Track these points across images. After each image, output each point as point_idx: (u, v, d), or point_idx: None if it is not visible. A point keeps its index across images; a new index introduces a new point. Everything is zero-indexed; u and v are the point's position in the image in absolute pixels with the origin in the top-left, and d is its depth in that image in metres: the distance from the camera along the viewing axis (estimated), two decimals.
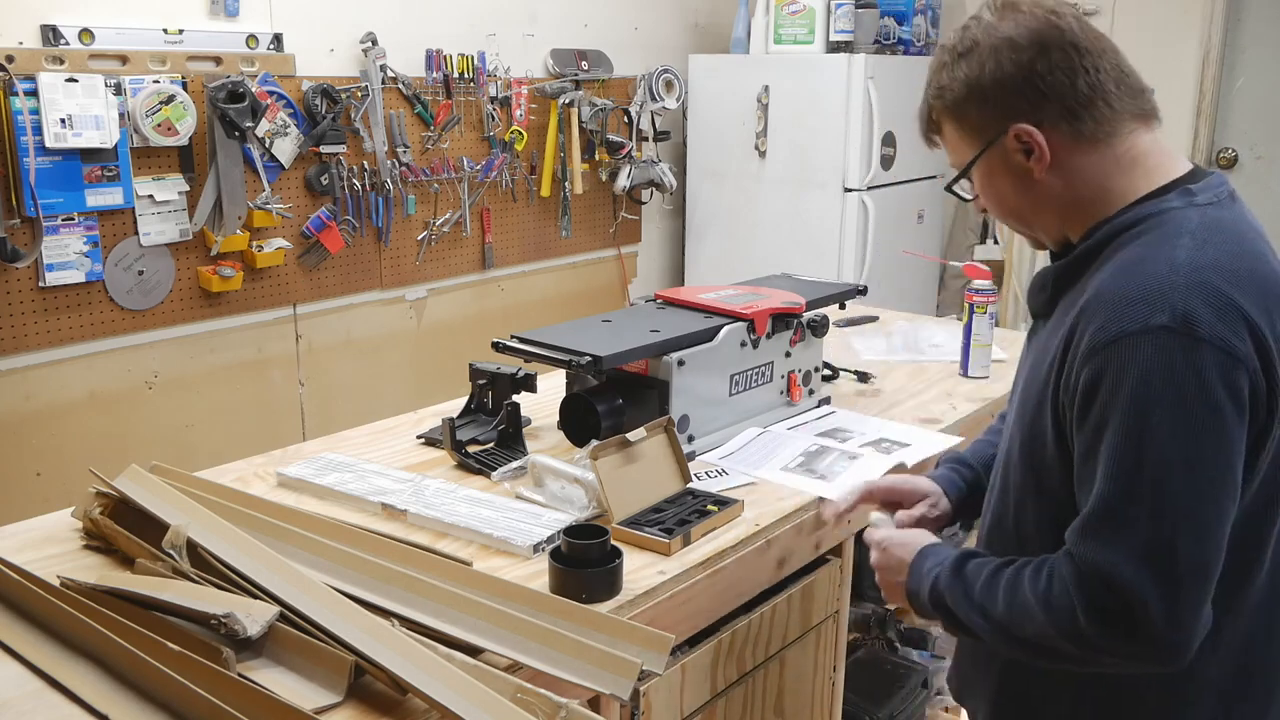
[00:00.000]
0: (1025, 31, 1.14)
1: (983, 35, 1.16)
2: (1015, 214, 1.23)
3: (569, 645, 1.21)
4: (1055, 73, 1.13)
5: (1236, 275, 1.04)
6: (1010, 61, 1.14)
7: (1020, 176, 1.18)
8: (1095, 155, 1.16)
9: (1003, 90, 1.15)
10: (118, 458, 1.72)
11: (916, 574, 1.24)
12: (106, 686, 1.18)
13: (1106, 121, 1.15)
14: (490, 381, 2.03)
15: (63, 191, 2.48)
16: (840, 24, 3.76)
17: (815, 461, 1.93)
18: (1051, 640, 1.08)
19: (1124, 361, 1.02)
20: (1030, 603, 1.08)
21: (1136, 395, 1.01)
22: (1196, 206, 1.12)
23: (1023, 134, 1.15)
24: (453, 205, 3.40)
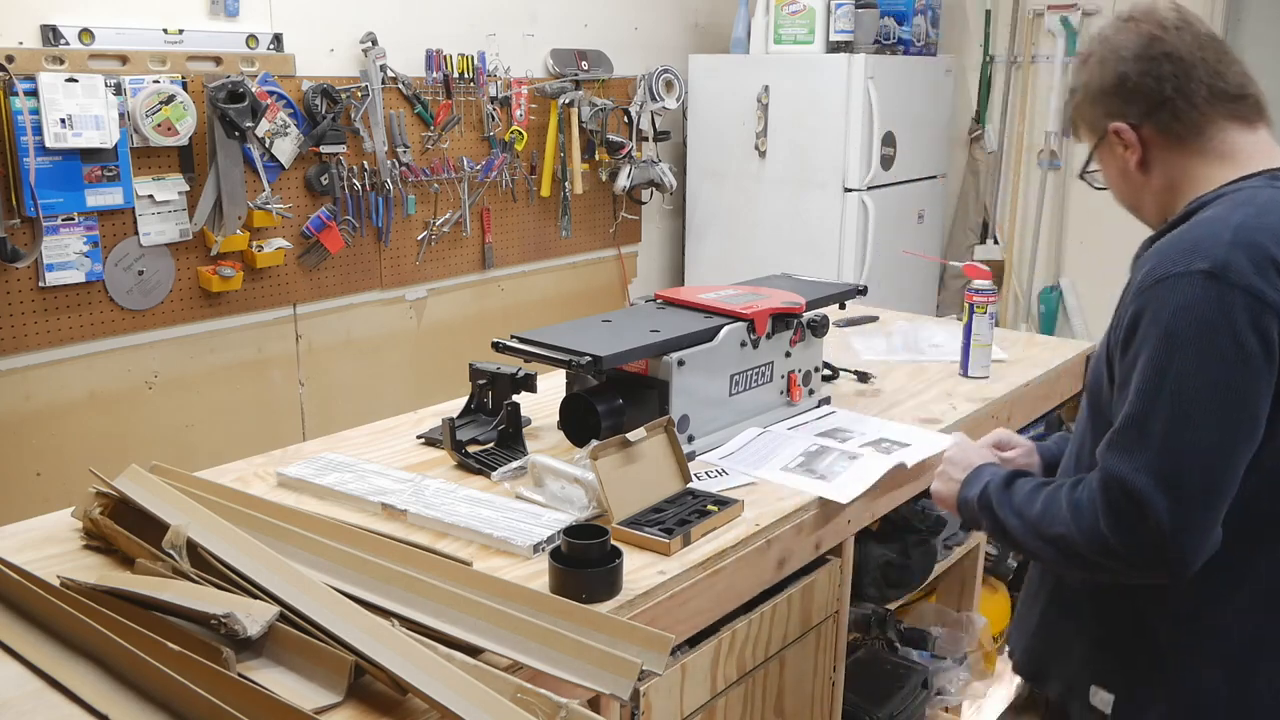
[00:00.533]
0: (1130, 42, 1.33)
1: (1098, 46, 1.37)
2: (1124, 199, 1.43)
3: (569, 645, 1.21)
4: (1145, 79, 1.31)
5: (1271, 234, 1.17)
6: (1111, 70, 1.34)
7: (1122, 167, 1.37)
8: (1184, 150, 1.32)
9: (1104, 94, 1.35)
10: (118, 458, 1.72)
11: (972, 482, 1.41)
12: (106, 686, 1.18)
13: (1192, 122, 1.31)
14: (490, 381, 2.03)
15: (63, 191, 2.48)
16: (840, 24, 3.76)
17: (815, 461, 1.93)
18: (1072, 539, 1.21)
19: (1164, 298, 1.17)
20: (1061, 506, 1.23)
21: (1169, 328, 1.16)
22: (1274, 187, 1.25)
23: (1120, 130, 1.33)
24: (453, 205, 3.40)
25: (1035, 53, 4.43)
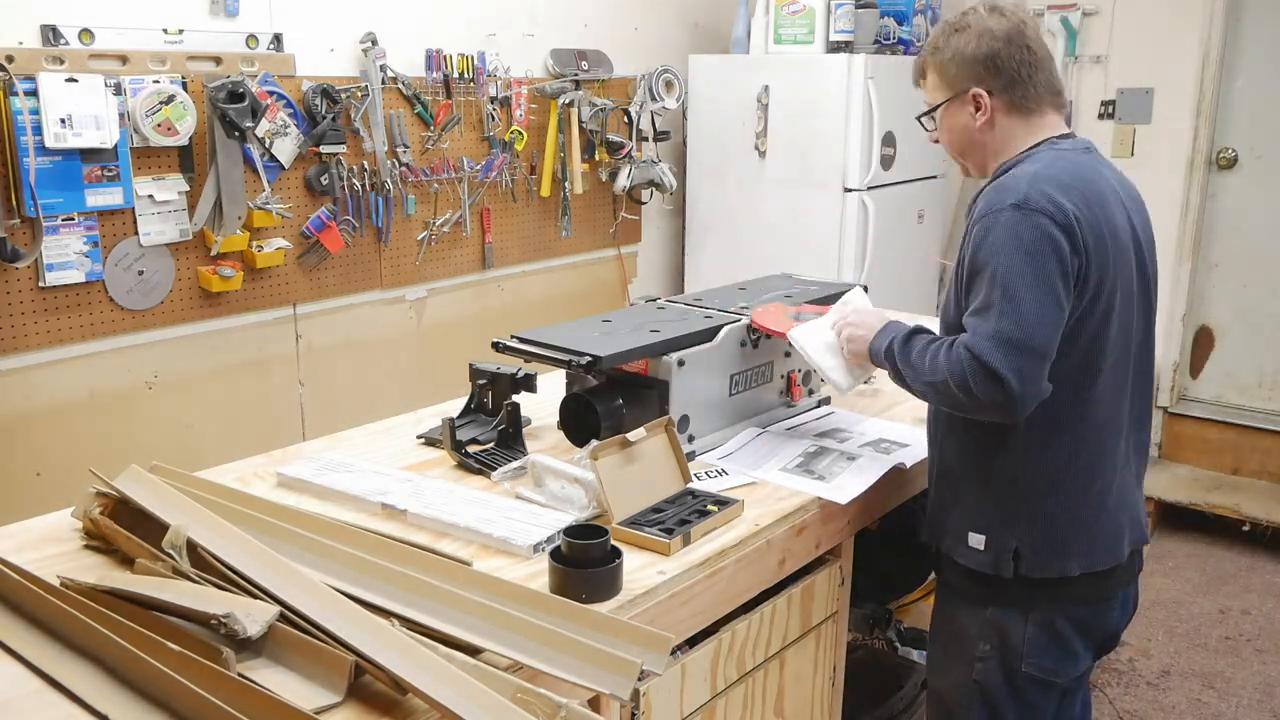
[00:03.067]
0: (1002, 28, 1.70)
1: (974, 21, 1.72)
2: (958, 148, 1.80)
3: (569, 645, 1.21)
4: (1009, 60, 1.70)
5: (1064, 183, 1.61)
6: (985, 45, 1.70)
7: (967, 123, 1.75)
8: (1018, 121, 1.73)
9: (974, 61, 1.71)
10: (118, 458, 1.72)
11: (882, 334, 1.78)
12: (106, 686, 1.18)
13: (1032, 100, 1.72)
14: (490, 381, 2.03)
15: (63, 191, 2.48)
16: (840, 24, 3.76)
17: (814, 462, 1.93)
18: (948, 387, 1.61)
19: (990, 225, 1.61)
20: (942, 364, 1.62)
21: (996, 244, 1.59)
22: (1055, 150, 1.70)
23: (977, 96, 1.72)
24: (453, 205, 3.40)
25: None
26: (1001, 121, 1.72)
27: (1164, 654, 3.34)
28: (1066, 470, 1.71)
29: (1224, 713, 3.03)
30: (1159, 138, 4.24)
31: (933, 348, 1.66)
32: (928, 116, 1.81)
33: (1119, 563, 1.77)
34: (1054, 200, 1.58)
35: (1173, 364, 4.39)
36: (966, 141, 1.77)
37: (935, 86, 1.77)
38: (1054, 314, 1.57)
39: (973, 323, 1.60)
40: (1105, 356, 1.67)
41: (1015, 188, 1.61)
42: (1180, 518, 4.19)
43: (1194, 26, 4.10)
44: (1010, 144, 1.73)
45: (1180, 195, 4.24)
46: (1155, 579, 3.82)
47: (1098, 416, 1.70)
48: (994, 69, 1.69)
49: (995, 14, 1.71)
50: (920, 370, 1.67)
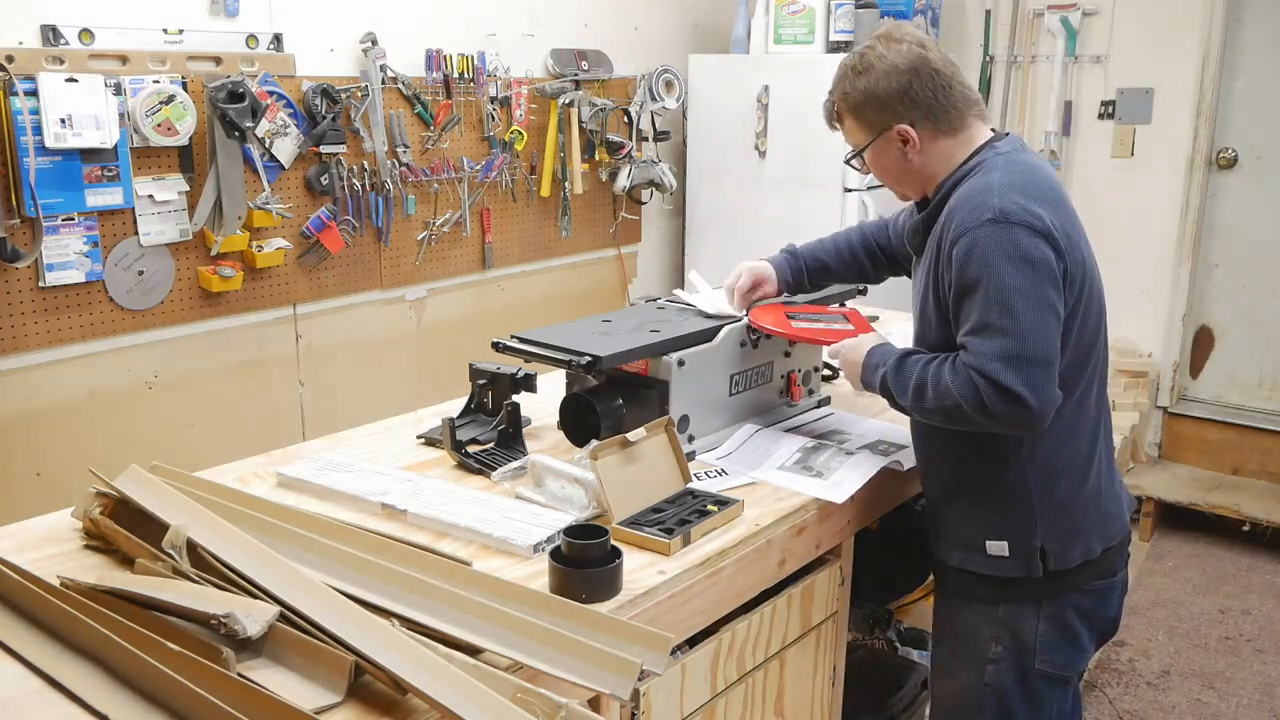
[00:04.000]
0: (905, 60, 1.69)
1: (876, 60, 1.70)
2: (894, 180, 1.82)
3: (569, 645, 1.21)
4: (923, 89, 1.69)
5: (1029, 190, 1.62)
6: (895, 81, 1.69)
7: (898, 157, 1.75)
8: (948, 142, 1.73)
9: (890, 99, 1.70)
10: (118, 458, 1.72)
11: (869, 370, 1.78)
12: (106, 686, 1.18)
13: (956, 120, 1.72)
14: (490, 381, 2.03)
15: (63, 191, 2.48)
16: (840, 24, 3.76)
17: (811, 458, 1.93)
18: (961, 410, 1.60)
19: (971, 243, 1.59)
20: (952, 388, 1.60)
21: (984, 260, 1.58)
22: (1001, 155, 1.70)
23: (903, 131, 1.71)
24: (453, 205, 3.40)
25: (1035, 53, 4.43)
26: (931, 147, 1.73)
27: (1164, 654, 3.34)
28: (1072, 458, 1.74)
29: (1224, 713, 3.03)
30: (1159, 138, 4.24)
31: (933, 371, 1.65)
32: (856, 159, 1.81)
33: (1127, 530, 1.84)
34: (1028, 209, 1.59)
35: (1173, 364, 4.39)
36: (900, 174, 1.78)
37: (855, 130, 1.78)
38: (1052, 322, 1.58)
39: (974, 342, 1.59)
40: (1095, 348, 1.72)
41: (987, 202, 1.60)
42: (1180, 518, 4.19)
43: (1194, 26, 4.10)
44: (948, 163, 1.73)
45: (1180, 195, 4.24)
46: (1155, 579, 3.82)
47: (1090, 401, 1.74)
48: (910, 102, 1.69)
49: (892, 44, 1.70)
50: (926, 397, 1.66)
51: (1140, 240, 4.30)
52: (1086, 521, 1.76)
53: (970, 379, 1.58)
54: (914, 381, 1.68)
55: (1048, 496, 1.73)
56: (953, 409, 1.62)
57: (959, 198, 1.66)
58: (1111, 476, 1.83)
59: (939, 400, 1.63)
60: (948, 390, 1.61)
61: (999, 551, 1.75)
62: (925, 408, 1.68)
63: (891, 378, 1.72)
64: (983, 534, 1.76)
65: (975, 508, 1.77)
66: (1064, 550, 1.74)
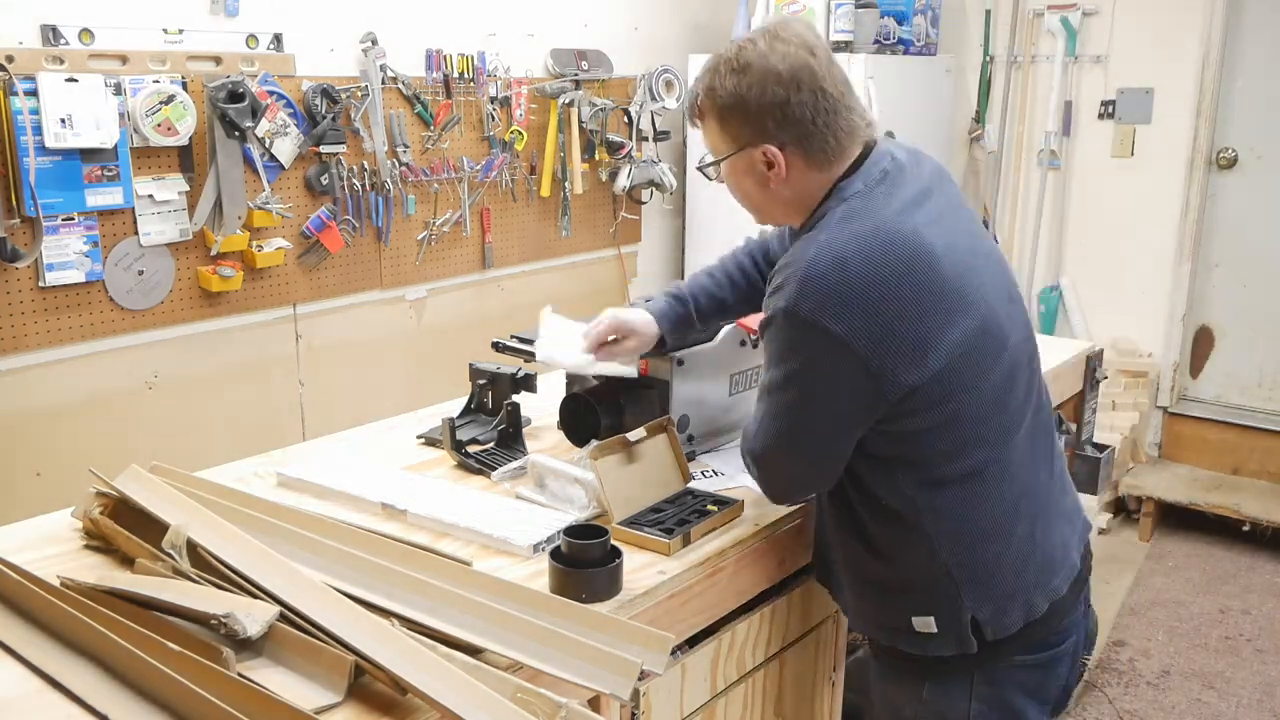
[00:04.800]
0: (787, 67, 1.41)
1: (756, 59, 1.42)
2: (750, 204, 1.57)
3: (569, 645, 1.21)
4: (802, 108, 1.42)
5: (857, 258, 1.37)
6: (770, 91, 1.41)
7: (760, 179, 1.50)
8: (819, 174, 1.48)
9: (761, 112, 1.43)
10: (118, 458, 1.72)
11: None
12: (106, 686, 1.18)
13: (832, 151, 1.45)
14: (490, 381, 2.03)
15: (63, 191, 2.48)
16: (840, 24, 3.76)
17: None
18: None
19: (771, 321, 1.44)
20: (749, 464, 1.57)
21: (775, 351, 1.45)
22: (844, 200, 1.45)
23: (768, 153, 1.45)
24: (453, 205, 3.40)
25: (1035, 53, 4.43)
26: (798, 178, 1.48)
27: (1164, 654, 3.34)
28: (993, 519, 1.49)
29: (1224, 713, 3.03)
30: (1159, 138, 4.24)
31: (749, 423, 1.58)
32: (711, 168, 1.57)
33: (1076, 569, 1.59)
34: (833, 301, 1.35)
35: (1173, 364, 4.39)
36: (760, 200, 1.54)
37: (715, 134, 1.51)
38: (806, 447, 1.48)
39: (748, 426, 1.56)
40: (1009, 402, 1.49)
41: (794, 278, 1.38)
42: (1180, 518, 4.19)
43: (1194, 26, 4.10)
44: (813, 194, 1.50)
45: (1180, 195, 4.24)
46: (1155, 579, 3.82)
47: (1015, 457, 1.50)
48: (783, 120, 1.43)
49: (778, 44, 1.42)
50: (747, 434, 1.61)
51: (1140, 240, 4.30)
52: (1022, 580, 1.51)
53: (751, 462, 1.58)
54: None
55: (966, 564, 1.48)
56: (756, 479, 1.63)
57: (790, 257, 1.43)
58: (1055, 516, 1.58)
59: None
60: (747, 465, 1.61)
61: (925, 628, 1.52)
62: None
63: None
64: (905, 612, 1.54)
65: (891, 590, 1.56)
66: (1000, 617, 1.50)
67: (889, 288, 1.36)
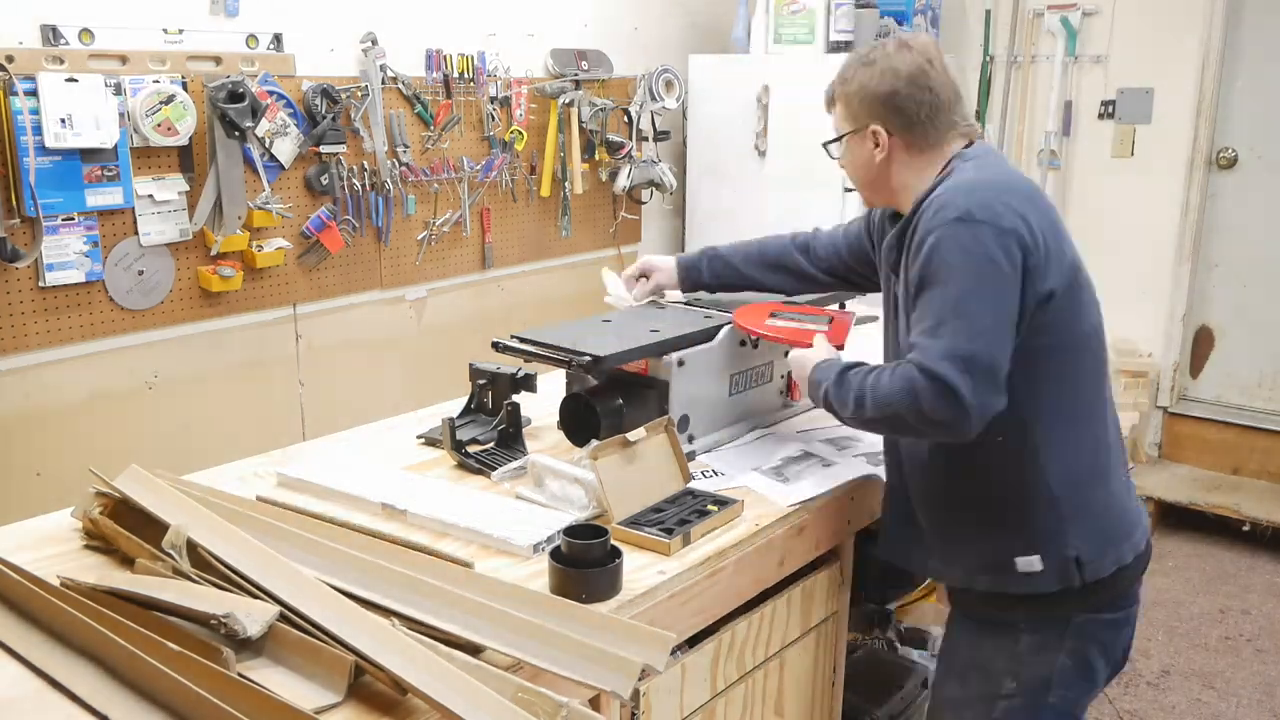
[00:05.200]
0: (905, 67, 1.69)
1: (881, 57, 1.71)
2: (860, 180, 1.81)
3: (569, 644, 1.21)
4: (909, 101, 1.69)
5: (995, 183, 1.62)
6: (888, 83, 1.69)
7: (868, 158, 1.75)
8: (921, 158, 1.72)
9: (876, 99, 1.71)
10: (118, 458, 1.72)
11: (813, 386, 1.76)
12: (106, 686, 1.18)
13: (931, 139, 1.71)
14: (490, 381, 2.03)
15: (63, 191, 2.48)
16: (840, 24, 3.76)
17: (790, 466, 1.93)
18: (898, 415, 1.57)
19: (936, 243, 1.57)
20: (889, 393, 1.58)
21: (943, 260, 1.56)
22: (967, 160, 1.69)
23: (877, 134, 1.72)
24: (453, 205, 3.40)
25: (1035, 53, 4.43)
26: (901, 158, 1.72)
27: (1164, 654, 3.34)
28: (1094, 456, 1.69)
29: (1224, 713, 3.03)
30: (1159, 138, 4.24)
31: (870, 380, 1.62)
32: (833, 144, 1.82)
33: (1145, 541, 1.75)
34: (992, 207, 1.56)
35: (1173, 364, 4.39)
36: (867, 173, 1.78)
37: (841, 117, 1.79)
38: (1006, 327, 1.55)
39: (923, 341, 1.56)
40: (1091, 341, 1.68)
41: (953, 202, 1.59)
42: (1180, 518, 4.19)
43: (1194, 26, 4.10)
44: (919, 177, 1.71)
45: (1180, 195, 4.23)
46: (1155, 579, 3.82)
47: (1103, 398, 1.72)
48: (893, 108, 1.69)
49: (903, 50, 1.70)
50: (865, 407, 1.62)
51: (1140, 240, 4.30)
52: (1115, 526, 1.69)
53: (910, 379, 1.54)
54: (854, 394, 1.64)
55: (1076, 499, 1.65)
56: (890, 416, 1.59)
57: (928, 201, 1.65)
58: (1127, 478, 1.77)
59: (878, 408, 1.60)
60: (886, 396, 1.58)
61: (1030, 567, 1.66)
62: (865, 418, 1.64)
63: (833, 393, 1.68)
64: (1008, 551, 1.67)
65: (995, 525, 1.69)
66: (1098, 557, 1.66)
67: (1028, 202, 1.61)
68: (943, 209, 1.59)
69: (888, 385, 1.58)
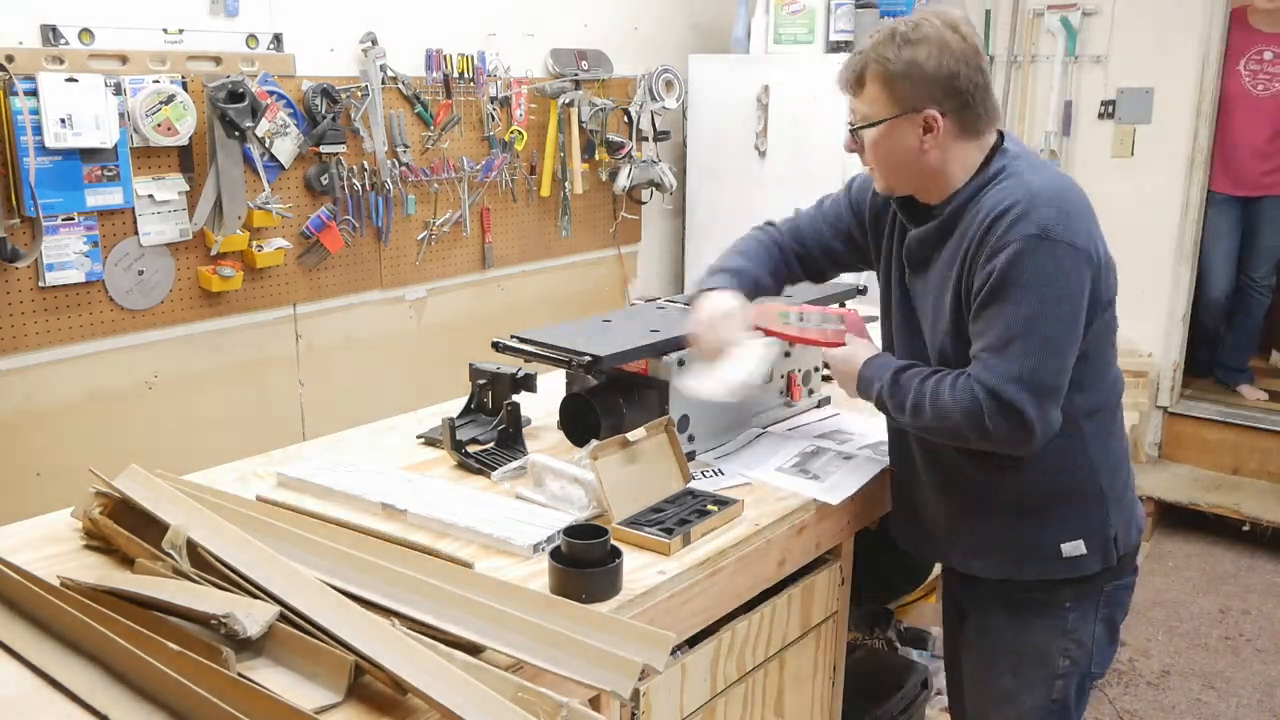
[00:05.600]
0: (960, 48, 1.58)
1: (934, 33, 1.58)
2: (892, 167, 1.68)
3: (569, 644, 1.21)
4: (968, 83, 1.59)
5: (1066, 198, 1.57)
6: (947, 63, 1.58)
7: (912, 144, 1.63)
8: (967, 144, 1.64)
9: (934, 81, 1.58)
10: (118, 458, 1.72)
11: (864, 383, 1.74)
12: (106, 686, 1.18)
13: (981, 125, 1.64)
14: (490, 381, 2.03)
15: (63, 191, 2.48)
16: (840, 24, 3.76)
17: (810, 462, 1.93)
18: (958, 428, 1.59)
19: (1014, 257, 1.53)
20: (950, 405, 1.58)
21: (1022, 278, 1.53)
22: (1015, 157, 1.64)
23: (930, 118, 1.60)
24: (453, 205, 3.40)
25: (1035, 52, 4.43)
26: (950, 144, 1.62)
27: (1164, 654, 3.34)
28: (1122, 444, 1.78)
29: (1224, 713, 3.03)
30: (1159, 138, 4.24)
31: (931, 387, 1.62)
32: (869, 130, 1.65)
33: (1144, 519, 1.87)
34: (1070, 225, 1.55)
35: (1173, 364, 4.39)
36: (903, 162, 1.66)
37: (877, 99, 1.62)
38: (1072, 350, 1.58)
39: (991, 359, 1.55)
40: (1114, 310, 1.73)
41: (1030, 215, 1.54)
42: (1180, 518, 4.19)
43: (1194, 26, 4.10)
44: (963, 166, 1.65)
45: (1180, 195, 4.23)
46: (1155, 579, 3.82)
47: (1120, 386, 1.79)
48: (953, 90, 1.59)
49: (951, 33, 1.59)
50: (924, 414, 1.63)
51: (1140, 240, 4.30)
52: (1136, 505, 1.81)
53: (974, 395, 1.55)
54: (911, 398, 1.64)
55: (1114, 486, 1.73)
56: (950, 427, 1.60)
57: (994, 204, 1.58)
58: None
59: (938, 418, 1.61)
60: (947, 408, 1.58)
61: (1076, 551, 1.71)
62: (922, 424, 1.66)
63: (887, 393, 1.69)
64: (1058, 539, 1.71)
65: (1050, 514, 1.72)
66: (1129, 533, 1.76)
67: (1090, 212, 1.62)
68: (1019, 220, 1.54)
69: (950, 398, 1.59)
